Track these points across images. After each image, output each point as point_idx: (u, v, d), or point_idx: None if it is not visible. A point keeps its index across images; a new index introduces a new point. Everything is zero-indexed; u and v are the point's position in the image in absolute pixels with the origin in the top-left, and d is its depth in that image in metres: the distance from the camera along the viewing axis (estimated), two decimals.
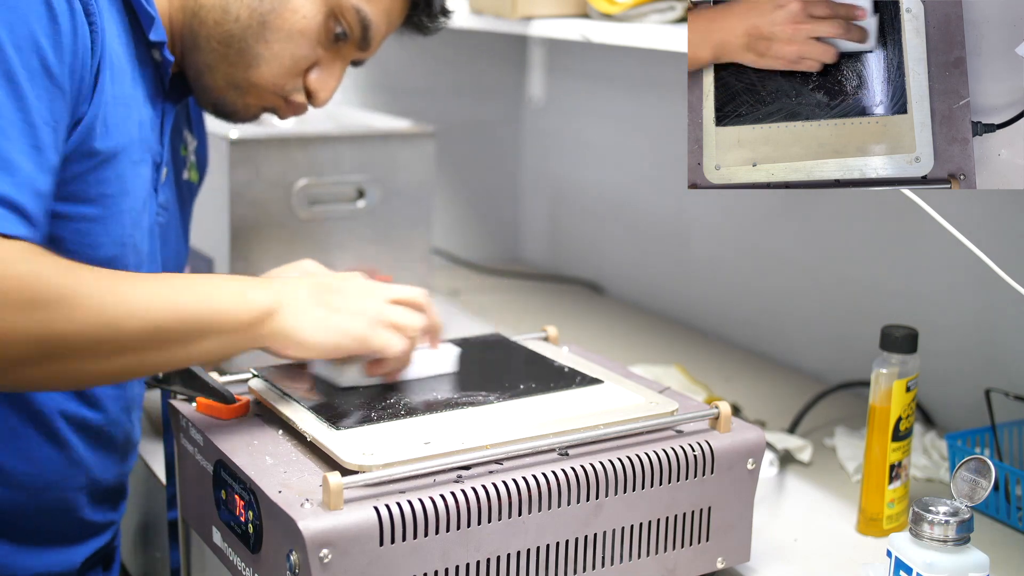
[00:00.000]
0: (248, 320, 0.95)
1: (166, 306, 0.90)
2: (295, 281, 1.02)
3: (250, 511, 0.91)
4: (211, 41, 1.12)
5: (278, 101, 1.18)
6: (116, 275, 0.90)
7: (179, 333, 0.91)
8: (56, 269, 0.86)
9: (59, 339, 0.85)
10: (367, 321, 1.02)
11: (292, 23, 1.12)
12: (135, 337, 0.89)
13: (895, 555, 0.96)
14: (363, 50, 1.19)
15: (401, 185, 1.60)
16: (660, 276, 2.00)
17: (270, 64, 1.13)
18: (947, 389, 1.47)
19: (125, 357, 0.89)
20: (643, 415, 1.02)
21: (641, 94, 1.99)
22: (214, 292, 0.94)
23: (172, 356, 0.93)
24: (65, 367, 0.87)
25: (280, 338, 0.97)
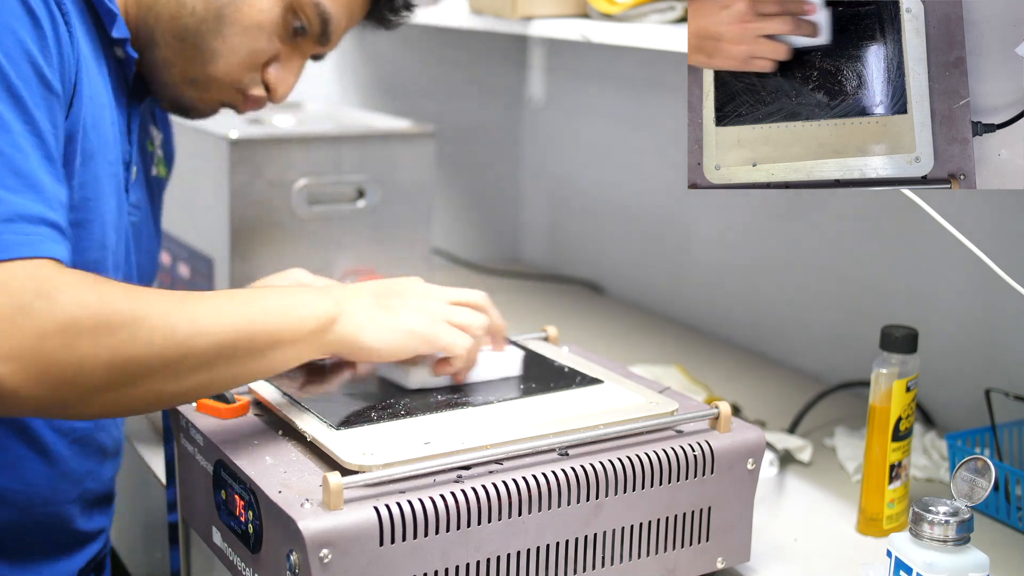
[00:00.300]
0: (313, 328, 0.95)
1: (233, 321, 0.90)
2: (356, 287, 1.02)
3: (250, 511, 0.91)
4: (167, 36, 1.11)
5: (236, 96, 1.17)
6: (179, 295, 0.90)
7: (248, 347, 0.91)
8: (121, 292, 0.86)
9: (134, 363, 0.85)
10: (431, 319, 1.02)
11: (249, 17, 1.11)
12: (207, 354, 0.88)
13: (895, 555, 0.96)
14: (323, 44, 1.17)
15: (401, 185, 1.59)
16: (660, 276, 2.00)
17: (227, 59, 1.12)
18: (947, 389, 1.47)
19: (199, 375, 0.89)
20: (643, 415, 1.02)
21: (641, 94, 1.99)
22: (277, 304, 0.94)
23: (244, 370, 0.92)
24: (142, 390, 0.87)
25: (347, 343, 0.98)
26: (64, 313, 0.81)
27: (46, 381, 0.82)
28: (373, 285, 1.03)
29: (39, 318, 0.81)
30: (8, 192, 0.86)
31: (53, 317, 0.81)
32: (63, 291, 0.82)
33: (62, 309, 0.82)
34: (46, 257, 0.85)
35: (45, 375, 0.81)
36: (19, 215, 0.85)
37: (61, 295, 0.82)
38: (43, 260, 0.84)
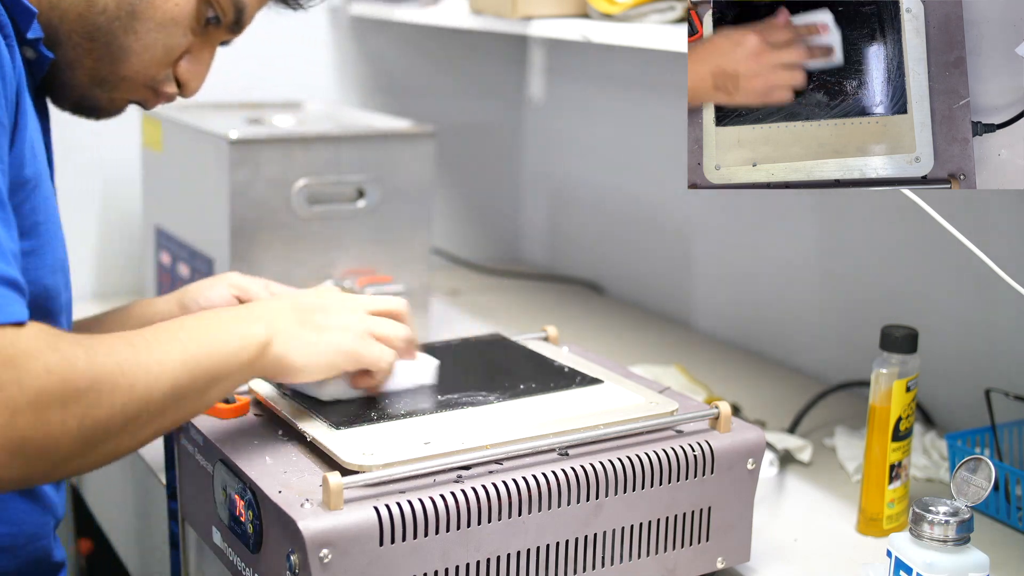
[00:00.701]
0: (249, 358, 0.92)
1: (180, 363, 0.87)
2: (276, 305, 0.99)
3: (250, 511, 0.91)
4: (74, 36, 1.04)
5: (147, 93, 1.10)
6: (129, 340, 0.86)
7: (195, 387, 0.88)
8: (81, 351, 0.81)
9: (101, 426, 0.81)
10: (355, 336, 1.00)
11: (164, 11, 1.05)
12: (161, 403, 0.85)
13: (895, 555, 0.96)
14: (234, 33, 1.12)
15: (401, 185, 1.59)
16: (660, 276, 2.00)
17: (140, 56, 1.06)
18: (947, 389, 1.47)
19: (153, 424, 0.86)
20: (643, 415, 1.02)
21: (641, 94, 1.99)
22: (214, 337, 0.91)
23: (189, 411, 0.90)
24: (105, 451, 0.83)
25: (275, 367, 0.95)
26: (33, 384, 0.77)
27: (16, 459, 0.77)
28: (292, 301, 1.00)
29: (9, 392, 0.76)
30: None
31: (22, 390, 0.76)
32: (29, 358, 0.77)
33: (31, 379, 0.77)
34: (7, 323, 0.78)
35: (16, 453, 0.77)
36: None
37: (28, 363, 0.77)
38: (3, 326, 0.78)
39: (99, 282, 1.90)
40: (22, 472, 0.79)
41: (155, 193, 1.73)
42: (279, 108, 1.80)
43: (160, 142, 1.67)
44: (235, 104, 1.79)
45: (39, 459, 0.79)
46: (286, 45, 1.97)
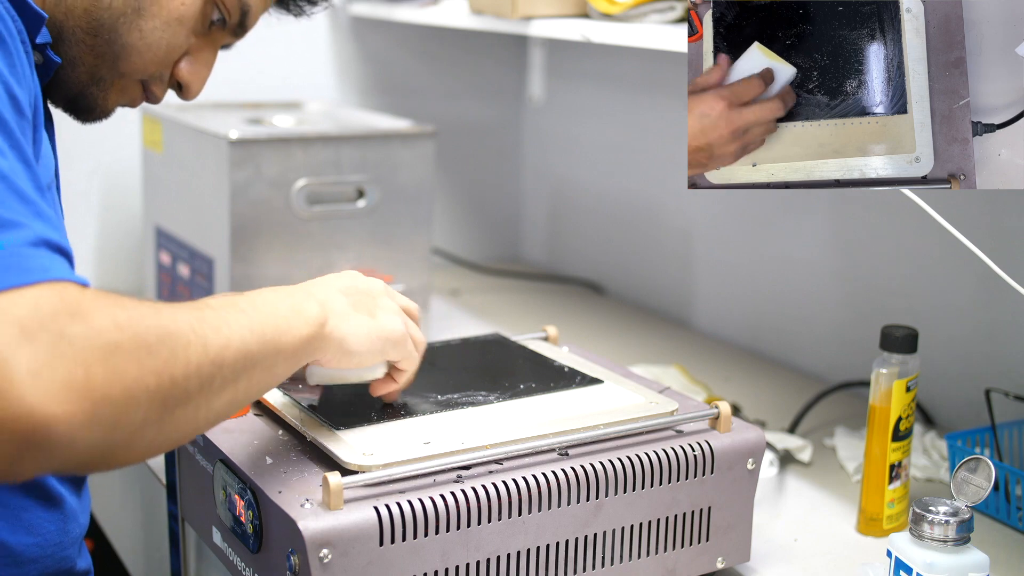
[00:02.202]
0: (308, 334, 0.90)
1: (248, 329, 0.84)
2: (327, 285, 0.96)
3: (250, 511, 0.91)
4: (78, 32, 1.03)
5: (138, 91, 1.09)
6: (195, 305, 0.83)
7: (264, 356, 0.85)
8: (149, 310, 0.77)
9: (177, 386, 0.76)
10: (402, 326, 0.98)
11: (170, 10, 1.04)
12: (233, 368, 0.81)
13: (895, 555, 0.96)
14: (237, 36, 1.11)
15: (401, 185, 1.60)
16: (660, 276, 2.00)
17: (142, 55, 1.04)
18: (947, 389, 1.47)
19: (227, 392, 0.82)
20: (643, 415, 1.02)
21: (641, 94, 1.99)
22: (274, 308, 0.88)
23: (261, 383, 0.86)
24: (184, 418, 0.78)
25: (331, 349, 0.93)
26: (101, 336, 0.72)
27: (99, 419, 0.72)
28: (340, 282, 0.98)
29: (79, 344, 0.71)
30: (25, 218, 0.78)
31: (92, 343, 0.72)
32: (97, 312, 0.73)
33: (99, 332, 0.72)
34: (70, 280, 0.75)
35: (97, 410, 0.71)
36: (42, 240, 0.77)
37: (96, 317, 0.73)
38: (68, 283, 0.75)
39: (99, 282, 1.90)
40: (103, 439, 0.72)
41: (155, 193, 1.73)
42: (279, 108, 1.80)
43: (160, 142, 1.67)
44: (235, 104, 1.80)
45: (118, 422, 0.73)
46: (286, 45, 1.98)
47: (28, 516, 1.03)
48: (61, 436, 0.69)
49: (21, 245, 0.76)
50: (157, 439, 0.77)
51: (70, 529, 1.07)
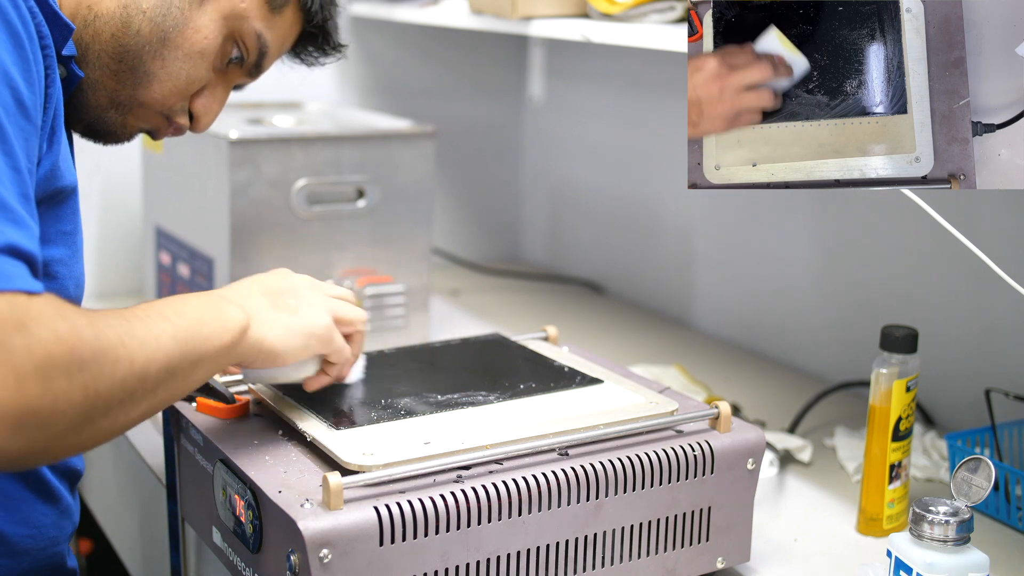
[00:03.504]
0: (230, 340, 0.91)
1: (172, 340, 0.86)
2: (245, 289, 0.99)
3: (250, 511, 0.91)
4: (103, 56, 1.05)
5: (160, 122, 1.12)
6: (125, 316, 0.85)
7: (184, 365, 0.87)
8: (85, 320, 0.80)
9: (101, 398, 0.79)
10: (328, 318, 1.00)
11: (193, 43, 1.06)
12: (156, 378, 0.84)
13: (895, 555, 0.96)
14: (252, 76, 1.15)
15: (401, 185, 1.60)
16: (660, 276, 2.00)
17: (163, 84, 1.07)
18: (947, 389, 1.47)
19: (146, 401, 0.85)
20: (643, 415, 1.02)
21: (641, 94, 1.99)
22: (197, 316, 0.90)
23: (178, 390, 0.88)
24: (103, 426, 0.82)
25: (253, 352, 0.94)
26: (41, 350, 0.75)
27: (22, 430, 0.75)
28: (259, 284, 1.00)
29: (17, 356, 0.74)
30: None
31: (31, 355, 0.75)
32: (39, 324, 0.76)
33: (39, 345, 0.75)
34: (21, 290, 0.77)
35: (21, 422, 0.75)
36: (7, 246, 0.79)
37: (37, 329, 0.76)
38: (19, 293, 0.77)
39: (99, 282, 1.90)
40: (23, 445, 0.76)
41: (155, 193, 1.73)
42: (279, 108, 1.80)
43: (160, 143, 1.67)
44: (235, 104, 1.79)
45: (40, 431, 0.76)
46: None
47: (26, 508, 1.04)
48: None
49: None
50: (73, 445, 0.81)
51: (64, 525, 1.08)
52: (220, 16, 1.07)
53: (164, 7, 1.04)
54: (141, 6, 1.04)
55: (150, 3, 1.04)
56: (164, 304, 0.90)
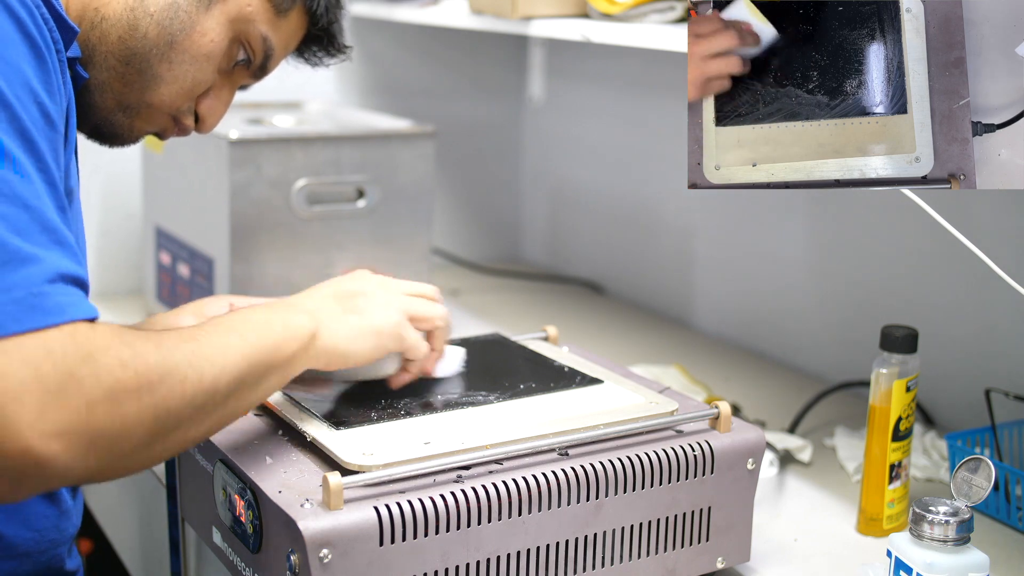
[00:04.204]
0: (299, 348, 0.94)
1: (241, 354, 0.88)
2: (318, 294, 1.01)
3: (250, 511, 0.91)
4: (110, 59, 1.05)
5: (167, 123, 1.12)
6: (192, 335, 0.87)
7: (254, 377, 0.89)
8: (151, 345, 0.82)
9: (172, 416, 0.82)
10: (398, 315, 1.02)
11: (200, 46, 1.07)
12: (226, 392, 0.87)
13: (895, 555, 0.96)
14: (257, 78, 1.15)
15: (401, 185, 1.60)
16: (660, 276, 2.00)
17: (170, 86, 1.07)
18: (947, 389, 1.47)
19: (216, 414, 0.87)
20: (643, 415, 1.02)
21: (641, 94, 1.99)
22: (266, 328, 0.92)
23: (249, 401, 0.91)
24: (172, 441, 0.84)
25: (325, 356, 0.96)
26: (109, 377, 0.78)
27: (92, 452, 0.78)
28: (332, 288, 1.02)
29: (87, 385, 0.77)
30: (43, 249, 0.81)
31: (99, 383, 0.78)
32: (104, 353, 0.79)
33: (106, 373, 0.78)
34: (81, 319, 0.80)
35: (93, 446, 0.78)
36: (60, 275, 0.81)
37: (103, 357, 0.78)
38: (80, 323, 0.80)
39: (99, 282, 1.90)
40: (95, 465, 0.79)
41: (155, 193, 1.73)
42: (279, 108, 1.80)
43: (160, 143, 1.67)
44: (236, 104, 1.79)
45: (111, 451, 0.80)
46: None
47: (27, 510, 1.04)
48: (57, 468, 0.77)
49: (39, 283, 0.79)
50: (145, 460, 0.84)
51: (64, 527, 1.08)
52: (226, 19, 1.07)
53: (171, 10, 1.05)
54: (148, 9, 1.04)
55: (157, 6, 1.04)
56: (231, 319, 0.92)
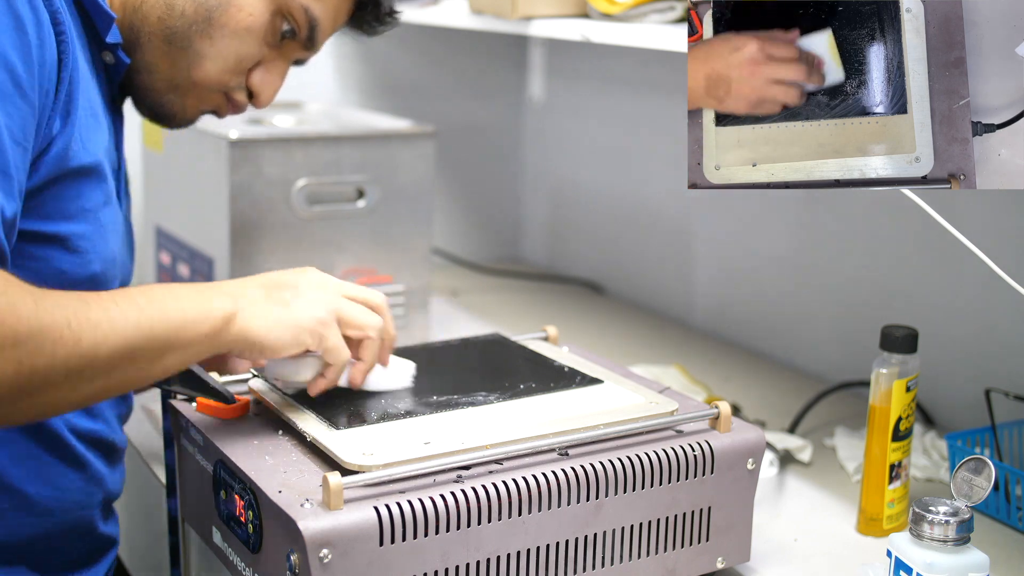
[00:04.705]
0: (210, 329, 0.92)
1: (134, 326, 0.87)
2: (247, 281, 0.99)
3: (250, 511, 0.91)
4: (154, 39, 1.09)
5: (220, 100, 1.15)
6: (84, 298, 0.87)
7: (148, 351, 0.88)
8: (28, 299, 0.82)
9: (37, 374, 0.82)
10: (323, 314, 0.98)
11: (238, 20, 1.09)
12: (108, 361, 0.86)
13: (895, 555, 0.96)
14: (307, 49, 1.16)
15: (401, 185, 1.59)
16: (660, 276, 2.00)
17: (215, 62, 1.10)
18: (947, 389, 1.47)
19: (98, 382, 0.86)
20: (643, 415, 1.02)
21: (641, 94, 1.99)
22: (173, 305, 0.91)
23: (140, 374, 0.90)
24: (40, 401, 0.84)
25: (240, 342, 0.94)
26: None
27: None
28: (264, 277, 1.00)
29: None
30: None
31: None
32: None
33: None
34: None
35: None
36: None
37: None
38: None
39: None
40: None
41: (155, 193, 1.73)
42: (279, 108, 1.80)
43: (160, 142, 1.67)
44: None
45: None
46: None
47: (49, 470, 1.06)
48: None
49: None
50: (14, 414, 0.85)
51: (92, 491, 1.11)
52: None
53: None
54: None
55: None
56: (141, 290, 0.91)
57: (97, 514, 1.13)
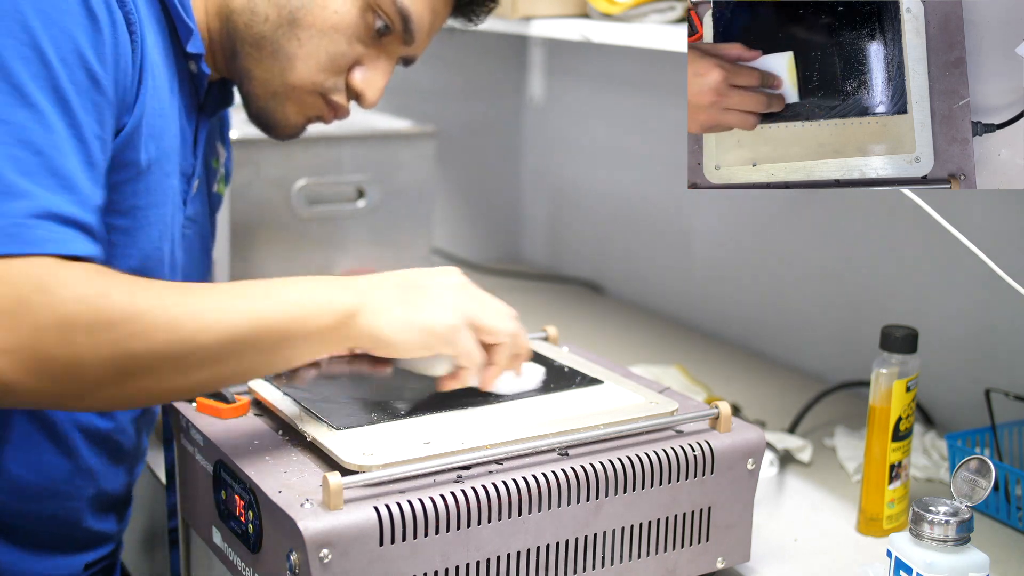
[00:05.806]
0: (330, 324, 0.92)
1: (242, 316, 0.88)
2: (380, 278, 0.98)
3: (250, 511, 0.91)
4: (245, 46, 1.09)
5: (320, 104, 1.13)
6: (185, 288, 0.89)
7: (258, 342, 0.89)
8: (123, 287, 0.85)
9: (135, 359, 0.84)
10: (454, 319, 0.97)
11: (323, 19, 1.08)
12: (213, 350, 0.87)
13: (895, 555, 0.96)
14: (408, 44, 1.14)
15: (401, 185, 1.60)
16: (660, 276, 2.00)
17: (306, 63, 1.09)
18: (947, 389, 1.47)
19: (204, 370, 0.88)
20: (643, 415, 1.02)
21: (641, 94, 1.99)
22: (291, 297, 0.91)
23: (253, 365, 0.91)
24: (144, 385, 0.86)
25: (367, 339, 0.94)
26: (62, 307, 0.82)
27: (43, 375, 0.82)
28: (400, 276, 0.99)
29: (36, 312, 0.81)
30: (44, 190, 0.86)
31: (52, 312, 0.81)
32: (63, 286, 0.82)
33: (61, 303, 0.82)
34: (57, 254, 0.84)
35: (42, 369, 0.82)
36: (51, 213, 0.85)
37: (60, 290, 0.82)
38: (47, 257, 0.84)
39: None
40: (46, 390, 0.83)
41: None
42: None
43: None
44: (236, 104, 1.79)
45: (64, 380, 0.83)
46: None
47: (35, 454, 1.07)
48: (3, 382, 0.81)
49: (23, 216, 0.84)
50: (118, 397, 0.87)
51: (80, 484, 1.10)
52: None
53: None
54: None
55: None
56: (260, 282, 0.93)
57: (84, 507, 1.12)
